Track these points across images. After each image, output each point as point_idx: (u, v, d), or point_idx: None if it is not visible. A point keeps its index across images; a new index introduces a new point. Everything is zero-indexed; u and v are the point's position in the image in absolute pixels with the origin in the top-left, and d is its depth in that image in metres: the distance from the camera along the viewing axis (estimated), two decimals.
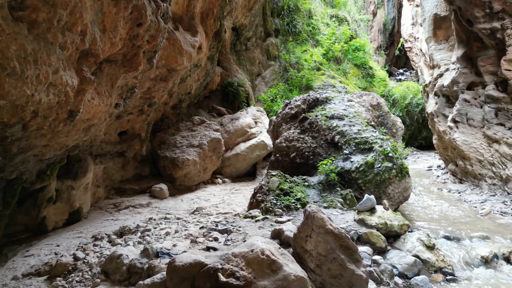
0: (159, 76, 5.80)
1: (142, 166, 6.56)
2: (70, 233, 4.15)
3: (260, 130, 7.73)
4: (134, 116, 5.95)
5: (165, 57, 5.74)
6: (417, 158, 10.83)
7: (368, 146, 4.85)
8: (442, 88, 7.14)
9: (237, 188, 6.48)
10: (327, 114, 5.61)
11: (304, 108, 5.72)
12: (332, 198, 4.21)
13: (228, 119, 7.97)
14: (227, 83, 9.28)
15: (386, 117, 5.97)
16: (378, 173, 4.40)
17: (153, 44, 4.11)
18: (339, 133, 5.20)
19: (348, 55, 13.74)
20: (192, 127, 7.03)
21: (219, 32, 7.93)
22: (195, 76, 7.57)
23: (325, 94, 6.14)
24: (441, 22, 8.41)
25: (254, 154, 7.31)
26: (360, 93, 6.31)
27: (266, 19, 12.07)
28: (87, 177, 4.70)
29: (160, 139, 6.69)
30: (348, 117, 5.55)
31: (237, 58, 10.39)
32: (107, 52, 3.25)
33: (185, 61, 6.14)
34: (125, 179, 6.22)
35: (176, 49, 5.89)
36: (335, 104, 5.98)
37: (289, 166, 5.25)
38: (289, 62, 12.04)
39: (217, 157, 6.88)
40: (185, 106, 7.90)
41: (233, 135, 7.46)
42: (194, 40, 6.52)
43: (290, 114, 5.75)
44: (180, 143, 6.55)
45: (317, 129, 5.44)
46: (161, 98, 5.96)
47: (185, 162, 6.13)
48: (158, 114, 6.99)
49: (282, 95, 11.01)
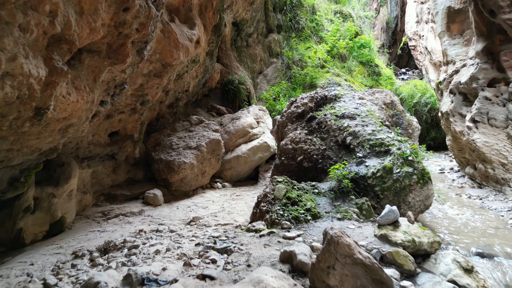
0: (152, 71, 5.33)
1: (135, 170, 6.09)
2: (49, 247, 3.68)
3: (263, 130, 7.25)
4: (126, 116, 5.48)
5: (159, 51, 5.27)
6: (426, 160, 10.34)
7: (384, 148, 4.37)
8: (459, 85, 6.65)
9: (238, 193, 6.00)
10: (337, 113, 5.13)
11: (311, 106, 5.24)
12: (346, 208, 3.73)
13: (228, 119, 7.49)
14: (227, 81, 8.81)
15: (401, 116, 5.49)
16: (398, 179, 3.92)
17: (143, 33, 3.64)
18: (351, 134, 4.72)
19: (353, 52, 13.26)
20: (190, 127, 6.56)
21: (218, 26, 7.46)
22: (193, 73, 7.09)
23: (334, 92, 5.66)
24: (455, 15, 7.93)
25: (256, 156, 6.83)
26: (372, 90, 5.83)
27: (268, 14, 11.60)
28: (71, 183, 4.22)
29: (155, 140, 6.22)
30: (360, 117, 5.07)
31: (237, 54, 9.92)
32: (86, 39, 2.77)
33: (181, 56, 5.67)
34: (116, 184, 5.74)
35: (171, 42, 5.42)
36: (345, 102, 5.50)
37: (296, 170, 4.77)
38: (292, 60, 11.56)
39: (217, 159, 6.40)
40: (182, 105, 7.42)
41: (234, 135, 6.99)
42: (191, 33, 6.05)
43: (296, 113, 5.27)
44: (176, 144, 6.08)
45: (327, 129, 4.96)
46: (155, 95, 5.49)
47: (182, 166, 5.66)
48: (152, 113, 6.52)
49: (285, 93, 10.54)
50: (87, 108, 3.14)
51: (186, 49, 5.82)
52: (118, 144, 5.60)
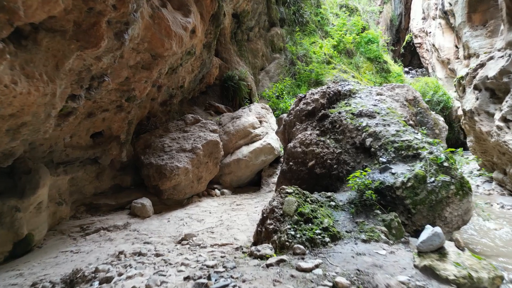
0: (140, 63, 4.66)
1: (122, 175, 5.42)
2: (8, 274, 3.02)
3: (266, 130, 6.58)
4: (110, 114, 4.82)
5: (148, 39, 4.61)
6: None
7: (412, 152, 3.70)
8: (486, 80, 5.98)
9: (239, 202, 5.33)
10: (353, 111, 4.46)
11: (323, 103, 4.57)
12: (372, 226, 3.06)
13: (227, 118, 6.82)
14: (226, 77, 8.14)
15: (425, 114, 4.82)
16: (433, 191, 3.25)
17: (122, 11, 2.97)
18: (371, 134, 4.05)
19: (360, 47, 12.59)
20: (185, 127, 5.89)
21: (217, 15, 6.80)
22: (188, 66, 6.43)
23: (349, 86, 4.99)
24: (477, 4, 7.27)
25: (259, 159, 6.16)
26: (391, 85, 5.16)
27: (271, 7, 10.93)
28: (39, 194, 3.55)
29: (145, 142, 5.55)
30: (380, 115, 4.40)
31: (238, 49, 9.26)
32: (38, 11, 2.11)
33: (174, 46, 5.01)
34: (100, 192, 5.08)
35: (162, 30, 4.76)
36: (361, 98, 4.83)
37: (307, 178, 4.10)
38: (296, 55, 10.90)
39: (214, 163, 5.73)
40: (176, 103, 6.76)
41: (234, 136, 6.32)
42: (186, 21, 5.39)
43: (305, 111, 4.60)
44: (169, 147, 5.41)
45: (342, 129, 4.29)
46: (143, 91, 4.82)
47: (174, 171, 4.99)
48: (143, 111, 5.85)
49: (289, 91, 9.88)
50: (46, 103, 2.47)
51: (180, 39, 5.16)
52: (101, 146, 4.93)
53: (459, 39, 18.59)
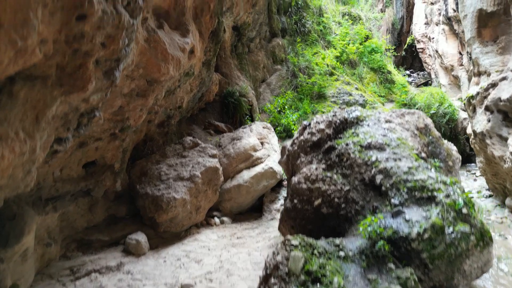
0: (135, 90, 4.41)
1: (116, 205, 5.16)
2: None
3: (267, 153, 6.32)
4: (104, 143, 4.56)
5: (143, 65, 4.35)
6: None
7: (427, 194, 3.44)
8: (499, 102, 5.73)
9: (239, 234, 5.07)
10: (361, 143, 4.20)
11: (329, 133, 4.31)
12: (386, 285, 2.79)
13: (228, 139, 6.57)
14: (227, 93, 7.90)
15: (437, 144, 4.56)
16: (452, 244, 2.99)
17: (111, 48, 2.72)
18: (382, 171, 3.79)
19: (364, 57, 12.35)
20: (182, 152, 5.63)
21: (217, 32, 6.55)
22: (186, 87, 6.18)
23: (355, 113, 4.73)
24: (487, 19, 7.02)
25: (261, 185, 5.90)
26: (401, 112, 4.90)
27: (272, 17, 10.70)
28: (24, 242, 3.29)
29: (141, 169, 5.29)
30: (390, 147, 4.14)
31: (238, 62, 9.01)
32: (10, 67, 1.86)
33: (171, 70, 4.75)
34: (93, 225, 4.81)
35: (158, 54, 4.50)
36: (369, 126, 4.57)
37: (312, 218, 3.84)
38: (298, 67, 10.66)
39: (214, 190, 5.47)
40: (174, 123, 6.50)
41: (234, 160, 6.06)
42: (184, 42, 5.13)
43: (310, 142, 4.34)
44: (166, 174, 5.15)
45: (349, 164, 4.03)
46: (138, 119, 4.57)
47: (171, 203, 4.73)
48: (139, 135, 5.59)
49: (291, 104, 9.63)
50: (23, 162, 2.22)
51: (177, 62, 4.91)
52: (94, 177, 4.67)
53: (463, 46, 18.31)
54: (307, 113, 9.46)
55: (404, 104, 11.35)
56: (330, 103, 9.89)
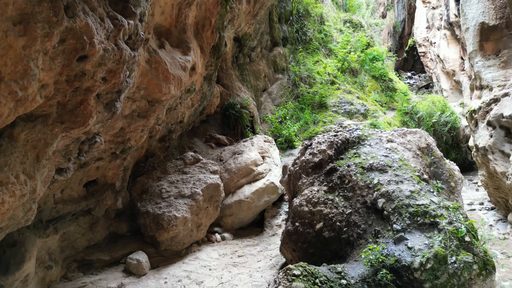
0: (136, 111, 4.41)
1: (117, 223, 5.16)
2: None
3: (269, 167, 6.32)
4: (105, 162, 4.57)
5: (144, 86, 4.37)
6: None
7: (429, 220, 3.43)
8: (501, 118, 5.70)
9: (241, 252, 5.06)
10: (363, 164, 4.19)
11: (331, 154, 4.30)
12: None
13: (229, 153, 6.56)
14: (228, 105, 7.90)
15: (440, 164, 4.55)
16: (455, 273, 2.97)
17: (113, 82, 2.73)
18: (384, 195, 3.78)
19: (365, 65, 12.33)
20: (184, 168, 5.63)
21: (218, 47, 6.56)
22: (188, 102, 6.19)
23: (357, 132, 4.72)
24: (489, 32, 7.00)
25: (262, 200, 5.89)
26: (403, 131, 4.89)
27: (273, 26, 10.71)
28: (25, 269, 3.30)
29: (142, 186, 5.30)
30: (392, 168, 4.13)
31: (239, 73, 9.02)
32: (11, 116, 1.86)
33: (172, 89, 4.77)
34: (94, 244, 4.82)
35: (159, 74, 4.52)
36: (371, 146, 4.56)
37: (314, 241, 3.83)
38: (299, 76, 10.65)
39: (215, 207, 5.47)
40: (175, 138, 6.51)
41: (236, 175, 6.06)
42: (185, 60, 5.14)
43: (312, 163, 4.33)
44: (167, 192, 5.15)
45: (351, 186, 4.02)
46: (139, 140, 4.57)
47: (172, 222, 4.73)
48: (140, 151, 5.60)
49: (292, 114, 9.62)
50: (24, 202, 2.22)
51: (179, 81, 4.92)
52: (95, 197, 4.68)
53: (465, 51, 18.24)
54: (308, 123, 9.45)
55: (405, 112, 11.32)
56: (332, 112, 9.87)
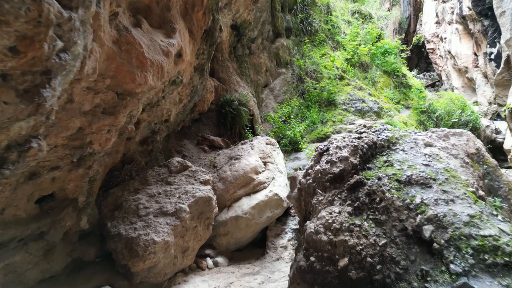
0: (100, 106, 3.43)
1: (83, 247, 4.17)
2: None
3: (272, 175, 5.33)
4: (63, 172, 3.59)
5: (111, 73, 3.38)
6: None
7: (503, 259, 2.44)
8: None
9: (237, 284, 4.07)
10: (398, 176, 3.20)
11: (355, 163, 3.31)
12: None
13: (224, 158, 5.58)
14: (224, 101, 6.92)
15: (495, 176, 3.56)
16: None
17: (30, 56, 1.75)
18: (431, 220, 2.79)
19: (376, 59, 11.34)
20: (168, 177, 4.65)
21: (211, 31, 5.58)
22: (174, 97, 5.20)
23: (386, 133, 3.74)
24: None
25: (264, 216, 4.91)
26: (444, 132, 3.90)
27: (276, 15, 9.73)
28: None
29: (115, 201, 4.31)
30: (437, 182, 3.15)
31: (238, 65, 8.03)
32: None
33: (150, 78, 3.78)
34: (51, 276, 3.82)
35: (132, 60, 3.54)
36: (405, 152, 3.58)
37: (336, 283, 2.83)
38: (304, 70, 9.67)
39: (206, 225, 4.48)
40: (160, 140, 5.52)
41: (232, 185, 5.07)
42: (168, 44, 4.16)
43: (330, 174, 3.35)
44: (145, 208, 4.16)
45: (385, 206, 3.03)
46: (105, 143, 3.59)
47: (150, 248, 3.74)
48: (114, 157, 4.60)
49: (297, 113, 8.63)
50: None
51: (159, 68, 3.94)
52: (50, 216, 3.69)
53: (479, 47, 17.29)
54: (316, 122, 8.46)
55: (422, 111, 10.33)
56: (341, 110, 8.89)
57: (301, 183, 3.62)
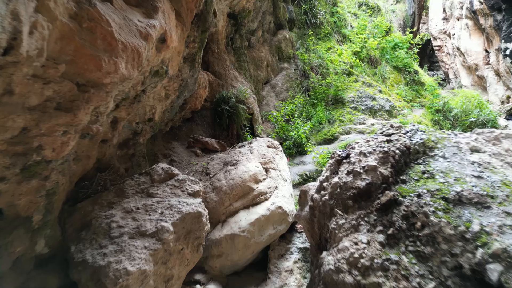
0: (53, 99, 2.65)
1: (41, 276, 3.39)
2: None
3: (274, 184, 4.57)
4: (10, 185, 2.82)
5: (68, 58, 2.61)
6: None
7: None
8: None
9: None
10: (444, 192, 2.45)
11: (386, 175, 2.55)
12: None
13: (219, 163, 4.81)
14: (220, 98, 6.16)
15: None
16: None
17: None
18: (498, 256, 2.04)
19: (386, 54, 10.57)
20: (149, 188, 3.88)
21: (204, 15, 4.82)
22: (159, 91, 4.44)
23: (420, 136, 2.98)
24: None
25: (265, 234, 4.14)
26: (493, 133, 3.14)
27: (277, 5, 8.96)
28: None
29: (82, 218, 3.54)
30: (497, 200, 2.39)
31: (236, 59, 7.27)
32: None
33: (122, 66, 3.02)
34: None
35: (97, 41, 2.76)
36: (447, 159, 2.82)
37: None
38: (309, 65, 8.90)
39: (194, 247, 3.71)
40: (144, 142, 4.75)
41: (227, 196, 4.30)
42: (147, 25, 3.40)
43: (354, 189, 2.58)
44: (119, 227, 3.40)
45: (429, 234, 2.28)
46: (61, 148, 2.82)
47: (121, 280, 2.97)
48: (84, 163, 3.83)
49: (302, 111, 7.87)
50: None
51: (135, 53, 3.17)
52: None
53: (490, 43, 16.54)
54: (322, 122, 7.70)
55: (437, 110, 9.56)
56: (350, 109, 8.13)
57: (313, 200, 2.85)
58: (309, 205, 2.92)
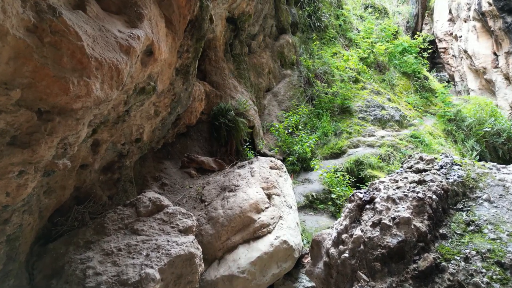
0: (6, 133, 2.14)
1: None
2: None
3: (278, 213, 4.05)
4: None
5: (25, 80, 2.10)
6: None
7: None
8: None
9: None
10: (498, 254, 1.94)
11: (423, 230, 2.03)
12: None
13: (216, 188, 4.30)
14: (217, 111, 5.65)
15: None
16: None
17: None
18: None
19: (394, 59, 10.07)
20: (134, 223, 3.37)
21: (198, 22, 4.31)
22: (147, 109, 3.93)
23: (457, 172, 2.48)
24: None
25: (268, 274, 3.62)
26: None
27: (280, 8, 8.46)
28: None
29: (53, 262, 3.03)
30: None
31: (235, 67, 6.76)
32: None
33: (97, 88, 2.50)
34: None
35: (63, 58, 2.25)
36: (494, 204, 2.32)
37: None
38: (313, 71, 8.39)
39: None
40: (131, 164, 4.24)
41: (225, 228, 3.79)
42: (129, 35, 2.88)
43: (383, 248, 2.06)
44: (95, 274, 2.89)
45: None
46: (18, 192, 2.31)
47: None
48: (60, 195, 3.32)
49: (306, 122, 7.36)
50: None
51: (113, 71, 2.66)
52: None
53: (499, 46, 16.03)
54: (328, 134, 7.20)
55: (449, 119, 9.05)
56: (358, 120, 7.62)
57: (330, 255, 2.33)
58: (324, 261, 2.41)
